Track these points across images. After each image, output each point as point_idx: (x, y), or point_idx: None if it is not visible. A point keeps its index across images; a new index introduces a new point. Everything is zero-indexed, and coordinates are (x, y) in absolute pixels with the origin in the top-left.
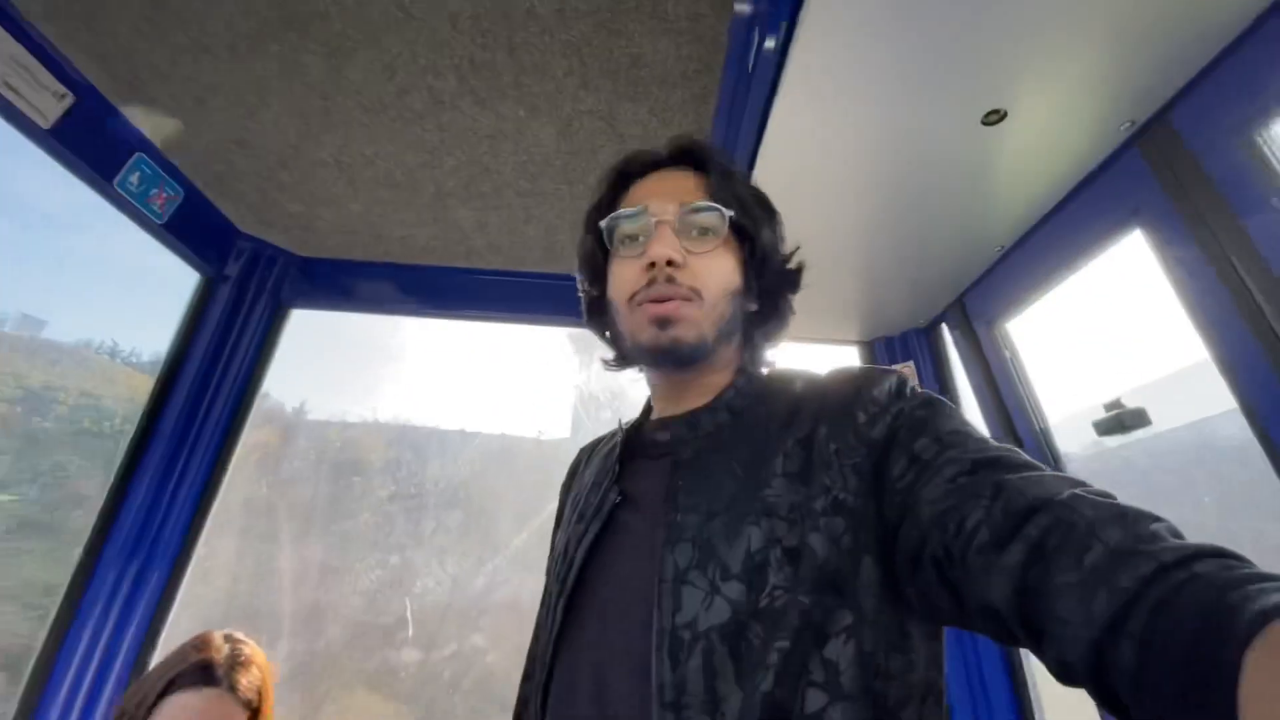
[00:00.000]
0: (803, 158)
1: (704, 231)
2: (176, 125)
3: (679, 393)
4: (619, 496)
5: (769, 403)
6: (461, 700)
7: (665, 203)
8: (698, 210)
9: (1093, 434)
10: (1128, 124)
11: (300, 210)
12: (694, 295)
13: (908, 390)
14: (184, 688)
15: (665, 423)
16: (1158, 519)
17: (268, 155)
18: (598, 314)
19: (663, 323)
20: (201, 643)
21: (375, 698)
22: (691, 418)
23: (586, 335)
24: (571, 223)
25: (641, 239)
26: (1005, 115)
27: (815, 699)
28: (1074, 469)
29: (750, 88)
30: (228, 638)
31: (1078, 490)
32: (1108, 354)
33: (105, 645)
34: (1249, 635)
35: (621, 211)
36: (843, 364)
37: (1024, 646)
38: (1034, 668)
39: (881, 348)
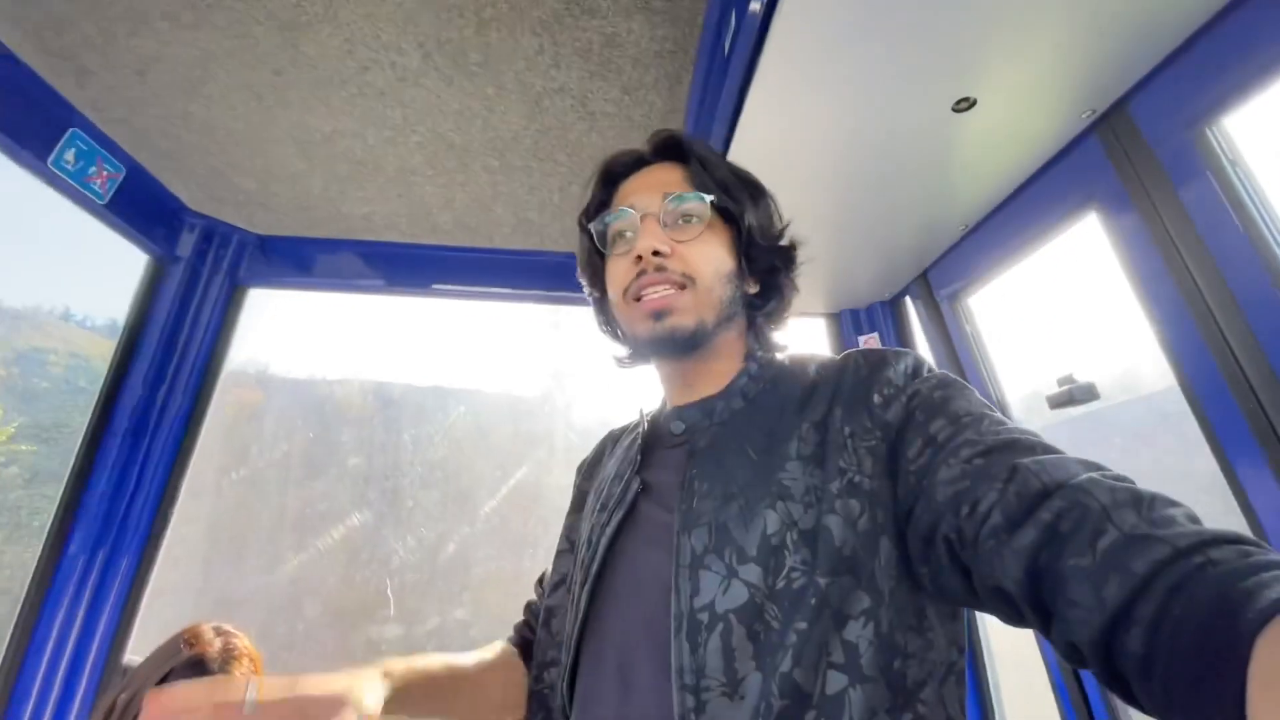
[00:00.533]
0: (777, 138)
1: (688, 219)
2: (114, 99)
3: (690, 381)
4: (641, 485)
5: (783, 387)
6: None
7: (649, 197)
8: (680, 199)
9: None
10: (1089, 112)
11: (254, 187)
12: (687, 281)
13: (924, 371)
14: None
15: (680, 411)
16: (1175, 504)
17: (216, 131)
18: (604, 315)
19: (659, 314)
20: (193, 637)
21: None
22: (705, 405)
23: (560, 311)
24: (541, 200)
25: (630, 234)
26: (975, 103)
27: (836, 680)
28: None
29: (727, 69)
30: (218, 630)
31: (1094, 474)
32: (1065, 331)
33: (77, 635)
34: (1260, 624)
35: (608, 213)
36: (865, 348)
37: (1033, 628)
38: (993, 654)
39: (848, 318)
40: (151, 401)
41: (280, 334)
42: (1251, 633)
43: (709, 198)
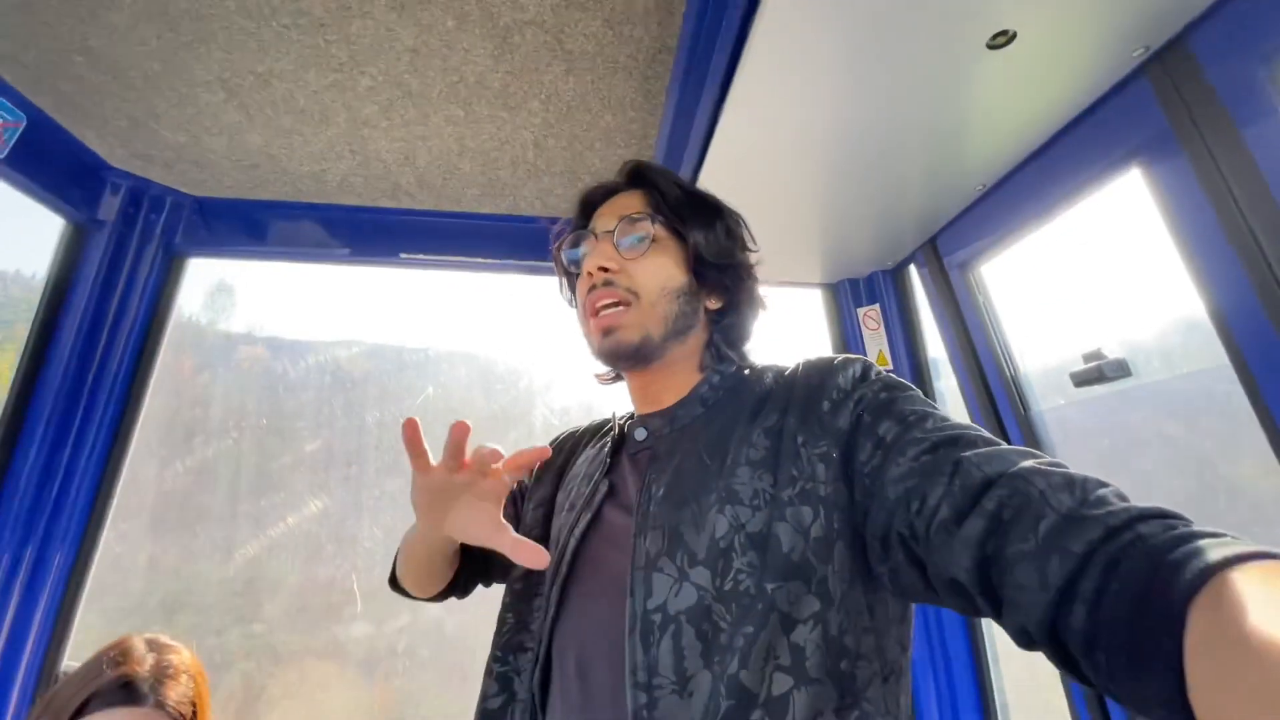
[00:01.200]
0: (782, 84)
1: (641, 239)
2: None
3: (654, 393)
4: (608, 488)
5: (741, 394)
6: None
7: (608, 220)
8: (630, 220)
9: (1068, 385)
10: (1141, 50)
11: (185, 141)
12: (631, 296)
13: (871, 375)
14: (101, 708)
15: (644, 419)
16: (1104, 484)
17: (128, 71)
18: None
19: (606, 331)
20: (121, 654)
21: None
22: (667, 413)
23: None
24: (513, 156)
25: (591, 253)
26: (1014, 37)
27: (781, 682)
28: (1049, 420)
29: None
30: (152, 645)
31: (1031, 462)
32: (1089, 302)
33: (5, 641)
34: (1192, 591)
35: (572, 235)
36: (814, 355)
37: (988, 617)
38: (996, 643)
39: (846, 289)
40: (80, 384)
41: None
42: (1183, 602)
43: (659, 217)
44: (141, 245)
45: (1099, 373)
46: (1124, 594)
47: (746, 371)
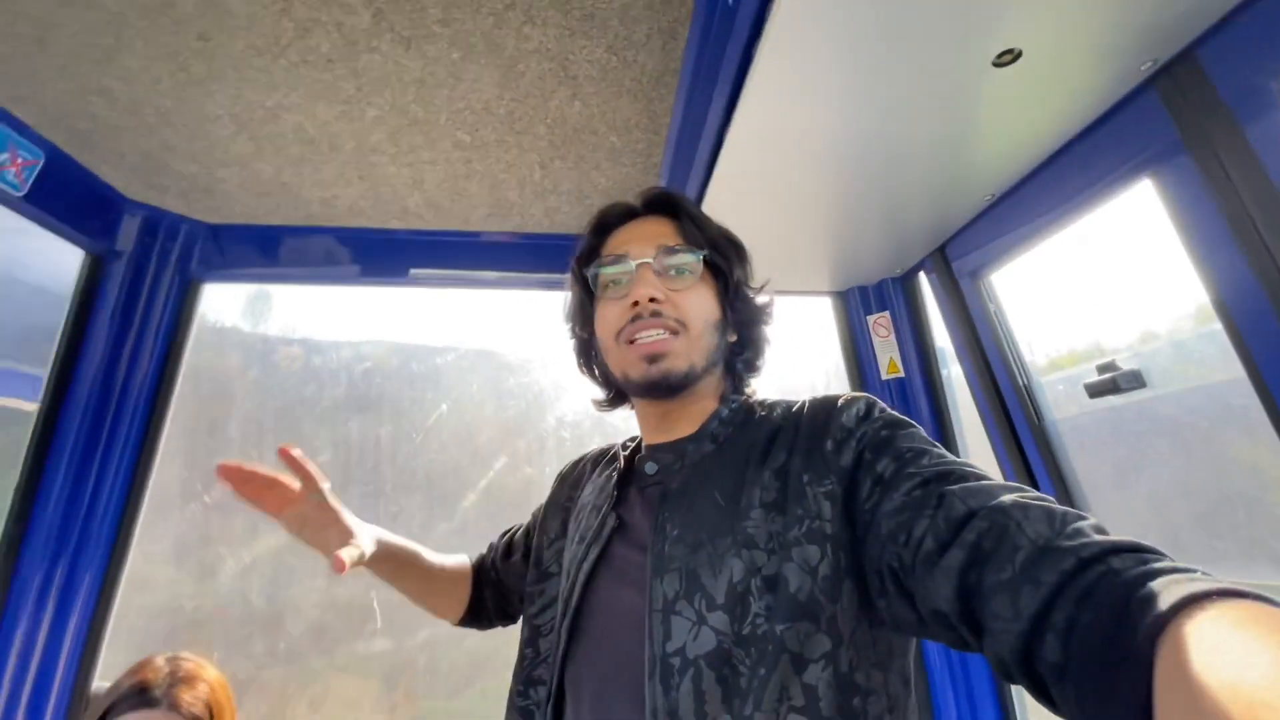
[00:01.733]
0: (786, 101)
1: (680, 271)
2: (15, 73)
3: (668, 423)
4: (616, 522)
5: (750, 432)
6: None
7: (644, 247)
8: (674, 252)
9: (1081, 395)
10: (1149, 63)
11: (197, 171)
12: (680, 327)
13: (875, 413)
14: (123, 713)
15: (654, 452)
16: (1083, 517)
17: (142, 108)
18: (586, 357)
19: (653, 358)
20: (138, 666)
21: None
22: (678, 447)
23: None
24: (520, 177)
25: (624, 281)
26: (1019, 55)
27: None
28: (1064, 430)
29: (733, 20)
30: (169, 659)
31: (1014, 496)
32: (1100, 313)
33: (39, 661)
34: (1160, 627)
35: (605, 259)
36: (821, 396)
37: (972, 649)
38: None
39: (856, 297)
40: (104, 407)
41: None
42: (1151, 638)
43: (702, 253)
44: (158, 272)
45: (1114, 384)
46: (1094, 627)
47: (755, 405)
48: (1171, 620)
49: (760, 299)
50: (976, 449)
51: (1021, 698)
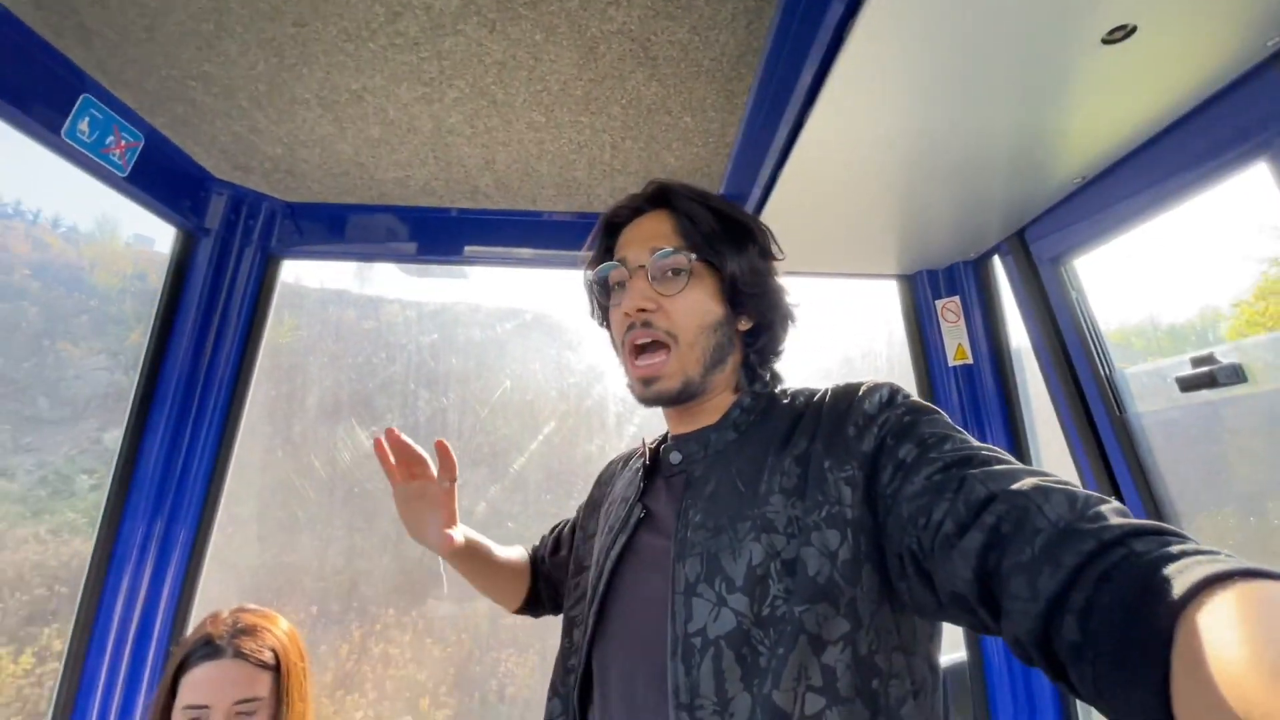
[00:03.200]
0: (878, 86)
1: (677, 273)
2: (123, 60)
3: (689, 416)
4: (643, 512)
5: (771, 421)
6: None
7: (640, 250)
8: (665, 254)
9: (1171, 389)
10: (1276, 39)
11: (281, 153)
12: (670, 340)
13: (898, 399)
14: (192, 666)
15: (678, 442)
16: (1106, 500)
17: (237, 93)
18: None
19: (647, 381)
20: (205, 621)
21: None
22: (701, 436)
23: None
24: (590, 158)
25: (624, 284)
26: (1133, 31)
27: (813, 702)
28: (1148, 424)
29: (826, 2)
30: (234, 611)
31: (1036, 480)
32: (1195, 303)
33: (141, 609)
34: (1180, 607)
35: (602, 265)
36: (844, 383)
37: (992, 632)
38: None
39: (924, 280)
40: (194, 377)
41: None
42: (1171, 618)
43: (693, 255)
44: (242, 248)
45: (1210, 378)
46: (1114, 607)
47: (779, 394)
48: (1192, 600)
49: (772, 284)
50: (1048, 440)
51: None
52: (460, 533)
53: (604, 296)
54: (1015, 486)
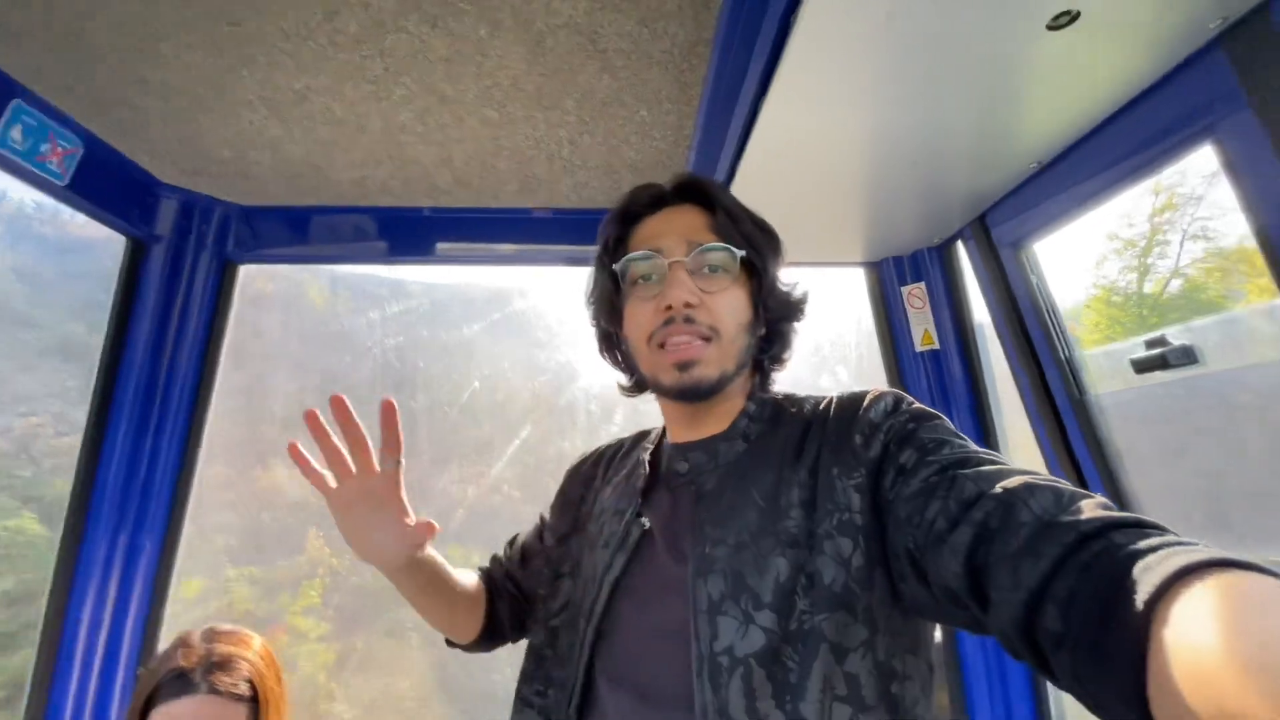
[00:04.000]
0: (829, 72)
1: (715, 269)
2: (54, 64)
3: (697, 420)
4: (644, 529)
5: (782, 429)
6: None
7: (676, 242)
8: (710, 250)
9: (1127, 371)
10: (1218, 21)
11: (230, 156)
12: (713, 334)
13: (902, 406)
14: (163, 701)
15: (684, 451)
16: (1089, 496)
17: (176, 95)
18: (608, 345)
19: (684, 365)
20: (175, 646)
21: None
22: (709, 446)
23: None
24: (548, 153)
25: (655, 278)
26: (1077, 16)
27: (841, 712)
28: (1106, 405)
29: None
30: (207, 635)
31: (1025, 478)
32: (1150, 285)
33: (109, 623)
34: (1157, 596)
35: (634, 254)
36: (849, 391)
37: (983, 628)
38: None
39: (890, 267)
40: (153, 388)
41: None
42: (1148, 606)
43: (739, 252)
44: (196, 255)
45: (1162, 360)
46: (1094, 597)
47: (784, 402)
48: (1168, 590)
49: (796, 293)
50: (1014, 423)
51: (1059, 697)
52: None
53: (617, 289)
54: (1004, 484)
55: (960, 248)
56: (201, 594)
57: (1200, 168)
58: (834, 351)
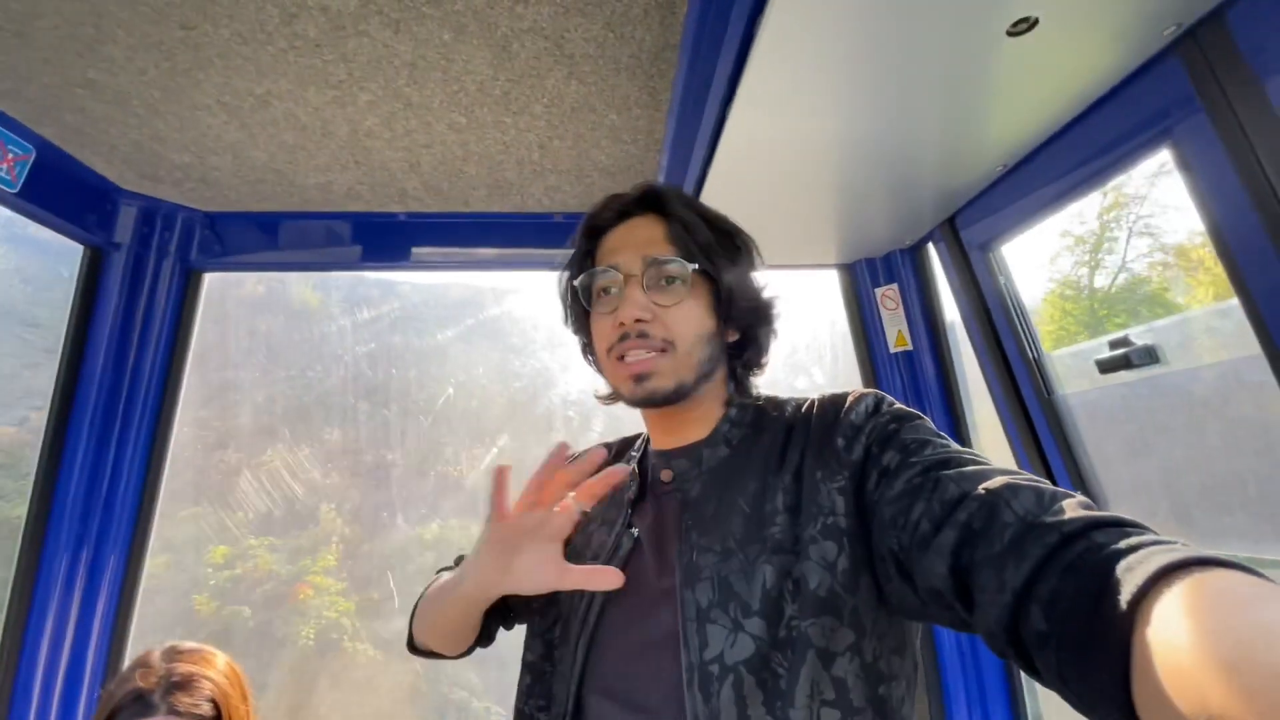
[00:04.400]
0: (794, 74)
1: (670, 281)
2: None
3: (676, 426)
4: (634, 540)
5: (764, 434)
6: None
7: (632, 257)
8: (662, 263)
9: (1092, 370)
10: (1172, 28)
11: (190, 161)
12: (667, 346)
13: (883, 407)
14: None
15: (667, 458)
16: (1071, 495)
17: (130, 99)
18: (590, 356)
19: (639, 377)
20: (134, 665)
21: None
22: (692, 452)
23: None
24: (517, 158)
25: (615, 291)
26: (1035, 23)
27: (829, 716)
28: (1073, 404)
29: None
30: (167, 654)
31: (1007, 478)
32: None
33: (72, 639)
34: (1141, 594)
35: (592, 270)
36: (830, 393)
37: (969, 628)
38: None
39: (863, 269)
40: (114, 398)
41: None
42: (1131, 605)
43: (691, 265)
44: (159, 262)
45: (1126, 360)
46: (1077, 597)
47: (766, 405)
48: (1150, 589)
49: (766, 297)
50: (985, 423)
51: (1032, 688)
52: None
53: (585, 303)
54: (986, 485)
55: (931, 249)
56: (229, 558)
57: (1145, 169)
58: (809, 354)
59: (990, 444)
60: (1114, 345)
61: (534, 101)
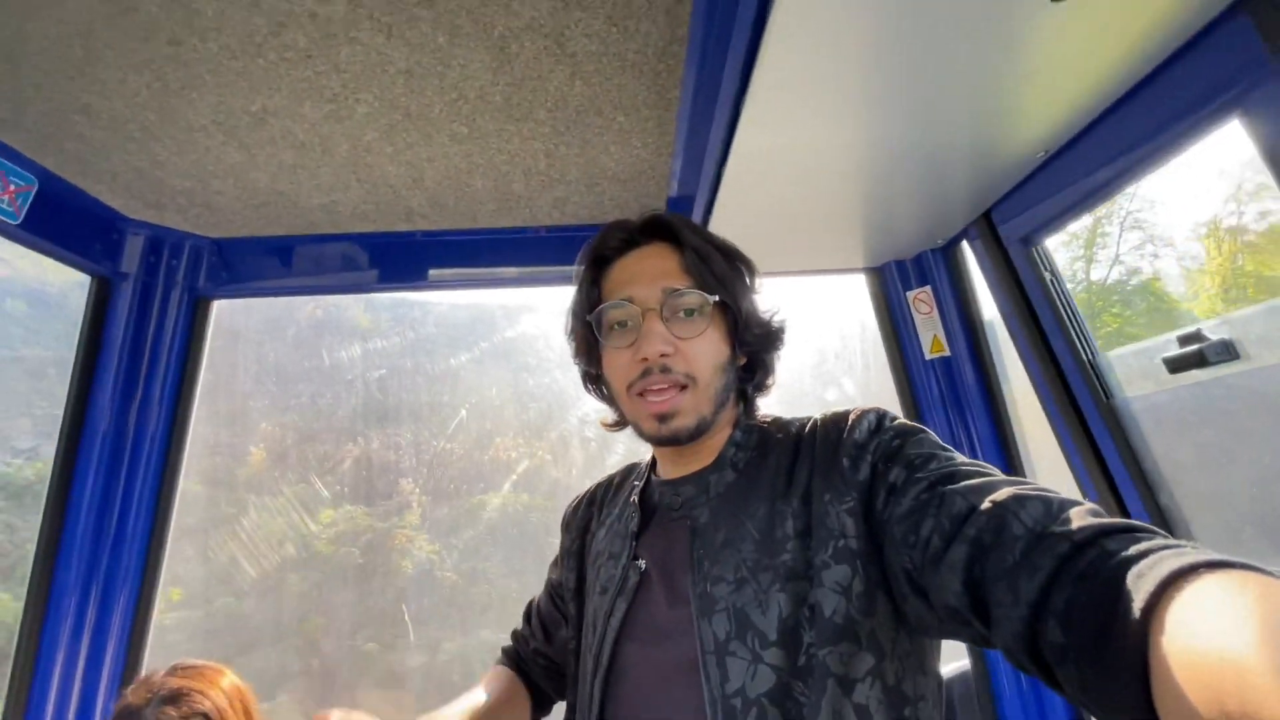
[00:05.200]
0: (806, 61)
1: (690, 313)
2: None
3: (685, 456)
4: (640, 573)
5: (769, 456)
6: None
7: (648, 288)
8: (681, 294)
9: (1159, 370)
10: None
11: (192, 186)
12: (689, 381)
13: (885, 424)
14: None
15: (675, 486)
16: (1078, 502)
17: (125, 124)
18: (594, 385)
19: (663, 418)
20: (135, 686)
21: None
22: (700, 479)
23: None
24: (524, 168)
25: (630, 324)
26: None
27: None
28: (1138, 409)
29: None
30: (172, 671)
31: (1013, 489)
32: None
33: (82, 675)
34: (1154, 600)
35: (606, 304)
36: (831, 412)
37: (989, 643)
38: None
39: (893, 272)
40: (123, 430)
41: None
42: (1145, 612)
43: (713, 297)
44: (166, 291)
45: (1199, 357)
46: (1091, 607)
47: (770, 427)
48: (1163, 595)
49: (775, 320)
50: (1035, 432)
51: None
52: None
53: (595, 334)
54: (993, 497)
55: (966, 248)
56: (332, 519)
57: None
58: (839, 364)
59: (1041, 455)
60: (1184, 341)
61: (537, 106)
